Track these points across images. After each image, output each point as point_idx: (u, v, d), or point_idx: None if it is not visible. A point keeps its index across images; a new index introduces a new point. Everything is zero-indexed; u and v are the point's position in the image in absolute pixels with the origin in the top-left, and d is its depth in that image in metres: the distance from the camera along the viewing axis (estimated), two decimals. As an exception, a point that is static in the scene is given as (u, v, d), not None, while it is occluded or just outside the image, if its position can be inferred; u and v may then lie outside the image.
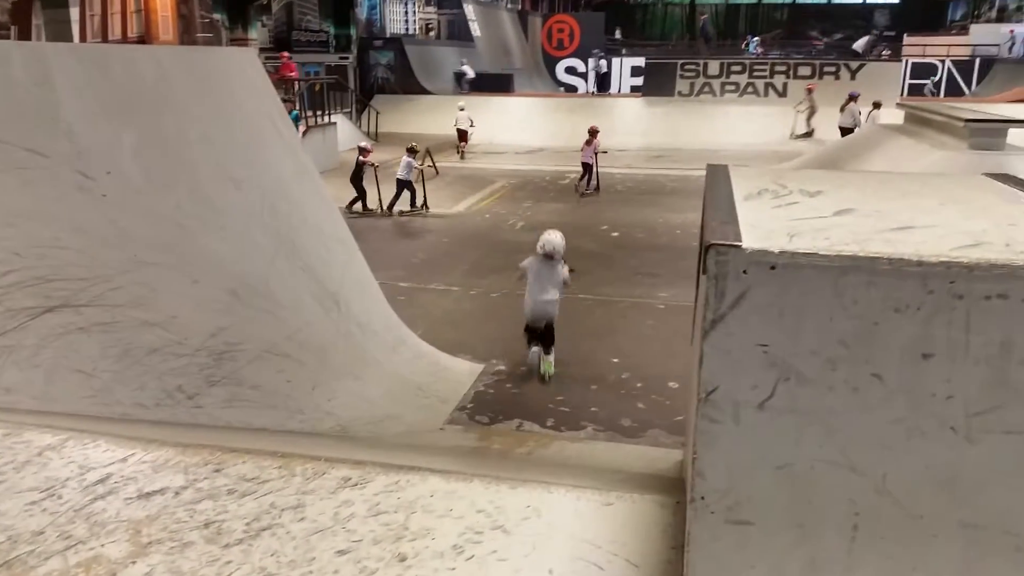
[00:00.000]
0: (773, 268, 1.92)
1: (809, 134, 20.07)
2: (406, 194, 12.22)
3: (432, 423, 4.98)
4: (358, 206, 12.12)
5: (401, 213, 12.26)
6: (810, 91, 20.78)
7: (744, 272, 1.93)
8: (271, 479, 2.64)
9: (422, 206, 12.40)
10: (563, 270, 6.20)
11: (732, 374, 1.96)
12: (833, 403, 1.93)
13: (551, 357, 5.99)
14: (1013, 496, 1.92)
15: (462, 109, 19.52)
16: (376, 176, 12.17)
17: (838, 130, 18.05)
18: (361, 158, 12.05)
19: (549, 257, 6.12)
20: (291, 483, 2.62)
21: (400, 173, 12.17)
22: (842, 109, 18.16)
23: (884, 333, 1.88)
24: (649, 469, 3.99)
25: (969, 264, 1.83)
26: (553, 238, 6.14)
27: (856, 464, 1.95)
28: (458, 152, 18.79)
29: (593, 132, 14.15)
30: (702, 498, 2.02)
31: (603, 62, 25.42)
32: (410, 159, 12.20)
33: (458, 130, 19.04)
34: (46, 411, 3.33)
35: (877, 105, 18.29)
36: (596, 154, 14.01)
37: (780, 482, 1.99)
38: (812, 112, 20.30)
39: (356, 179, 12.11)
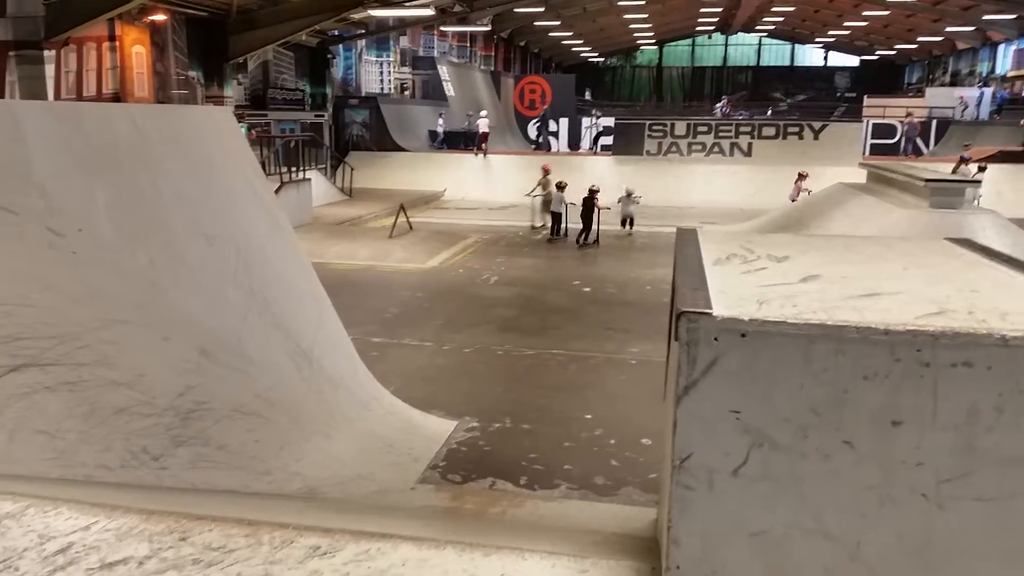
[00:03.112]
0: (744, 336, 1.95)
1: (542, 228, 16.21)
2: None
3: (403, 482, 4.89)
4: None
5: (549, 240, 15.36)
6: (546, 172, 16.78)
7: (715, 339, 1.96)
8: (238, 548, 2.56)
9: (566, 233, 15.38)
10: (636, 196, 16.21)
11: (706, 440, 1.97)
12: (806, 470, 1.95)
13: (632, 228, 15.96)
14: (984, 564, 1.93)
15: (484, 116, 23.98)
16: (599, 215, 14.90)
17: None
18: (595, 200, 14.83)
19: (629, 195, 16.04)
20: (258, 552, 2.55)
21: (554, 207, 15.33)
22: (954, 171, 16.85)
23: (854, 400, 1.91)
24: (623, 529, 3.94)
25: (935, 333, 1.88)
26: (628, 186, 16.57)
27: (830, 531, 1.96)
28: (482, 151, 23.28)
29: (802, 176, 17.82)
30: (677, 567, 2.01)
31: (600, 121, 26.20)
32: (561, 194, 15.12)
33: (481, 133, 23.33)
34: (7, 474, 3.23)
35: (982, 168, 16.84)
36: (801, 192, 17.48)
37: (755, 549, 1.99)
38: (548, 200, 16.24)
39: (587, 214, 14.75)
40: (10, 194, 3.76)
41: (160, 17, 16.60)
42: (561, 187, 15.12)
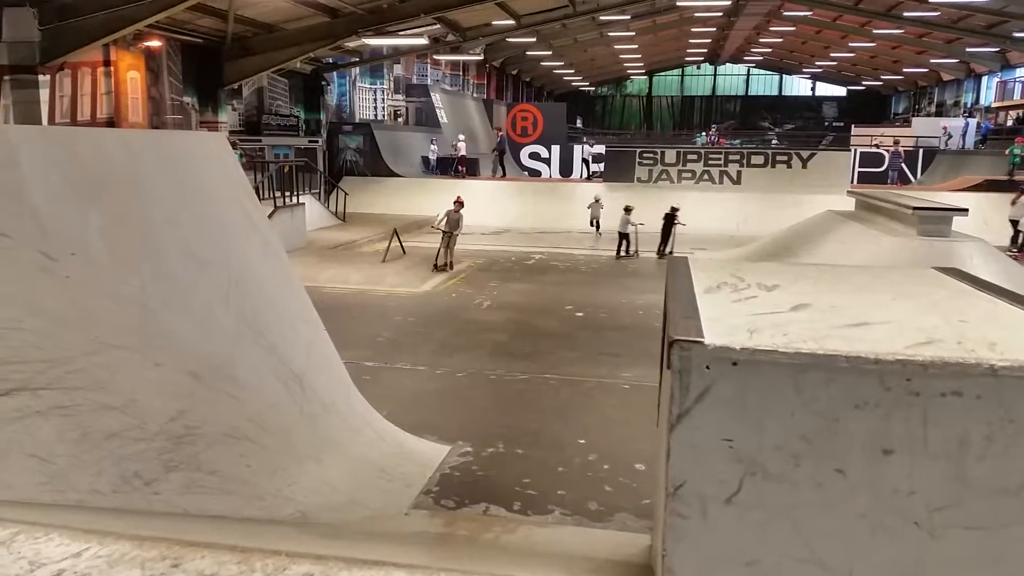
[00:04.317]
0: (735, 364, 1.97)
1: (446, 266, 14.38)
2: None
3: (396, 508, 4.87)
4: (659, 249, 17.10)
5: (619, 256, 16.86)
6: (460, 205, 15.06)
7: (707, 368, 1.98)
8: None
9: (635, 253, 16.99)
10: (601, 201, 19.87)
11: (699, 469, 1.98)
12: (798, 498, 1.96)
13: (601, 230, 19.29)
14: (975, 592, 1.94)
15: (462, 140, 26.18)
16: (675, 231, 16.99)
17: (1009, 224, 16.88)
18: (676, 219, 17.06)
19: (596, 200, 20.04)
20: (251, 579, 2.53)
21: (620, 228, 17.01)
22: (1013, 203, 17.20)
23: (845, 429, 1.93)
24: (617, 556, 3.93)
25: (924, 362, 1.91)
26: (597, 192, 20.99)
27: (823, 560, 1.97)
28: (460, 174, 25.03)
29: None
30: (672, 595, 2.02)
31: (592, 148, 26.76)
32: (628, 217, 16.90)
33: (460, 156, 25.65)
34: (-4, 500, 3.20)
35: None
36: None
37: (749, 578, 1.99)
38: (453, 237, 14.64)
39: (667, 229, 16.97)
40: (3, 217, 3.77)
41: (155, 43, 16.70)
42: (628, 210, 16.90)
